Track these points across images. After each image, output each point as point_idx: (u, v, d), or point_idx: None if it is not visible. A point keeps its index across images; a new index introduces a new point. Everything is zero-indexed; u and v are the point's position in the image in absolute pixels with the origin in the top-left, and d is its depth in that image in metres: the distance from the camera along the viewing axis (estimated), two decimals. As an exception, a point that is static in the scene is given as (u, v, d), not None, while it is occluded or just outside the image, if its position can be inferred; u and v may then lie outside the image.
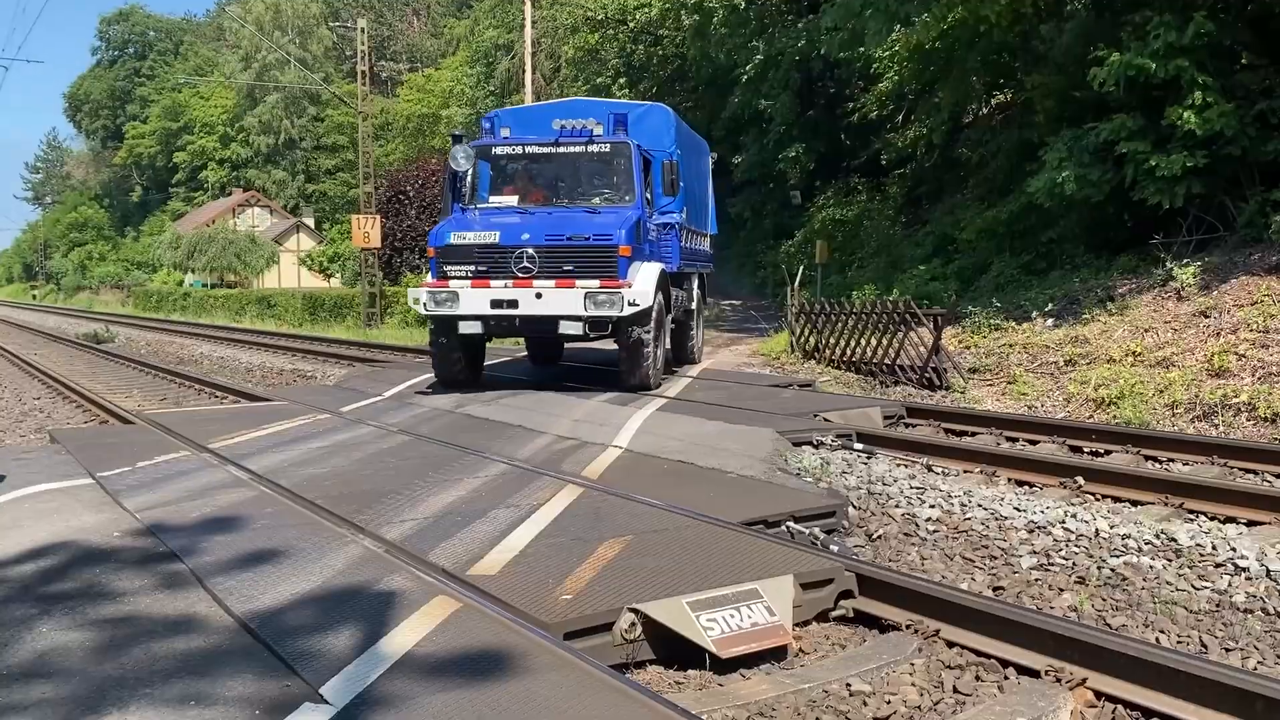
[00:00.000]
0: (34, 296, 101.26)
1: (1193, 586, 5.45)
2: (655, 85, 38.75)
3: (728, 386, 13.01)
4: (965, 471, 8.24)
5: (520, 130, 13.46)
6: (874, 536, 6.61)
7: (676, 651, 4.53)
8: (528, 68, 32.51)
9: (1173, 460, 8.55)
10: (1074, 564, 5.83)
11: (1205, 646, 4.71)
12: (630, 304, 11.20)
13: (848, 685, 4.33)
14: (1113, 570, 5.69)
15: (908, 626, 4.83)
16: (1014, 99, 20.92)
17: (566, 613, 4.50)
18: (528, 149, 12.81)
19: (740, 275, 33.92)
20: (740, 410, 10.51)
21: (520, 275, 11.42)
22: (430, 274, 12.03)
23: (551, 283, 11.33)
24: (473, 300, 11.49)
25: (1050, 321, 14.33)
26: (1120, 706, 4.05)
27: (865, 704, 4.18)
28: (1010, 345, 14.05)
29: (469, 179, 12.76)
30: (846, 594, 5.16)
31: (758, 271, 31.29)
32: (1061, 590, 5.45)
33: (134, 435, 9.86)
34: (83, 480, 7.26)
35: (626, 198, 12.25)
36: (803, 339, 17.28)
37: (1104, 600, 5.29)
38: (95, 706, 3.45)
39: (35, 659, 3.89)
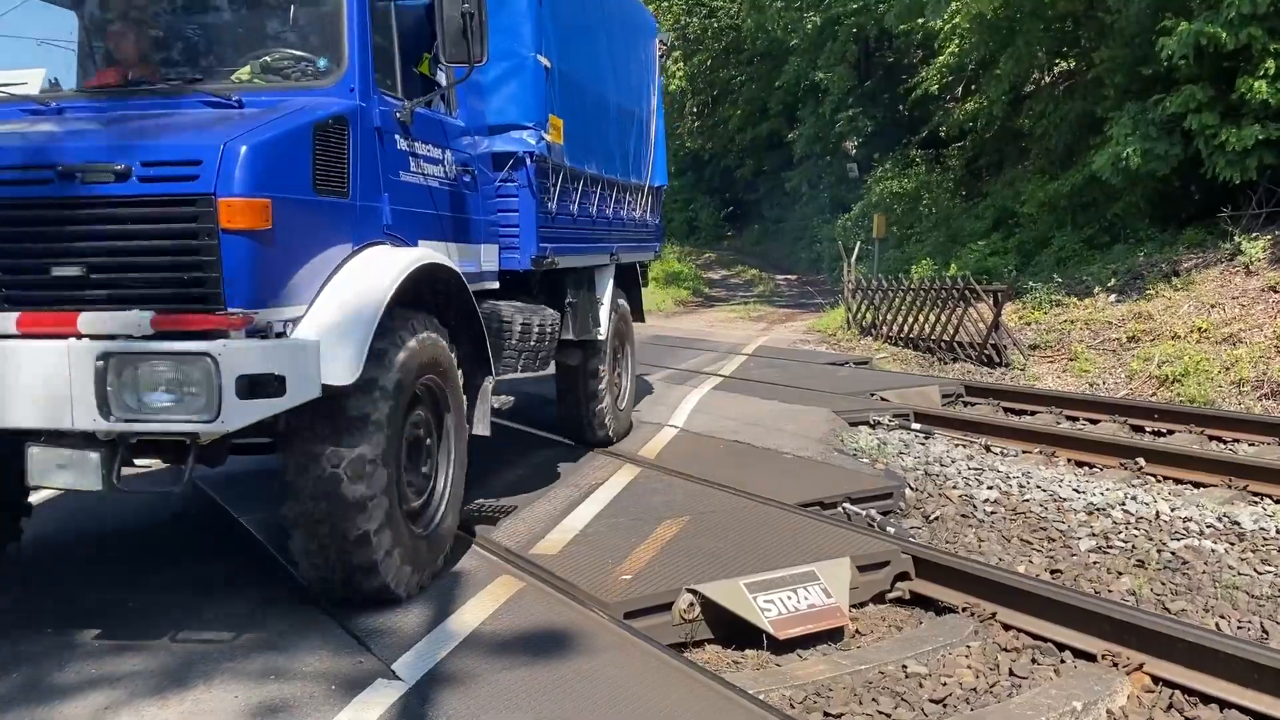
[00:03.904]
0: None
1: (1255, 571, 5.41)
2: (709, 57, 38.50)
3: (783, 364, 13.01)
4: (1024, 452, 8.20)
5: None
6: (931, 518, 6.63)
7: (734, 632, 4.63)
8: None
9: (1238, 440, 8.42)
10: (1133, 547, 5.81)
11: (1266, 633, 4.69)
12: (275, 384, 3.67)
13: (904, 667, 4.39)
14: (1173, 554, 5.66)
15: (964, 609, 4.88)
16: (1077, 68, 20.46)
17: (626, 593, 4.61)
18: None
19: (796, 250, 33.72)
20: (796, 389, 10.53)
21: None
22: None
23: (11, 319, 3.73)
24: None
25: (1113, 297, 14.09)
26: (1178, 691, 4.07)
27: (921, 685, 4.25)
28: (1071, 321, 13.85)
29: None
30: (903, 576, 5.21)
31: (814, 245, 31.05)
32: (1120, 574, 5.44)
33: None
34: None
35: (326, 70, 4.56)
36: (859, 315, 17.18)
37: (1163, 584, 5.27)
38: (181, 678, 3.64)
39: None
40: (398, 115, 4.72)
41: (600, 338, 7.42)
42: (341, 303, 4.06)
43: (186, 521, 5.86)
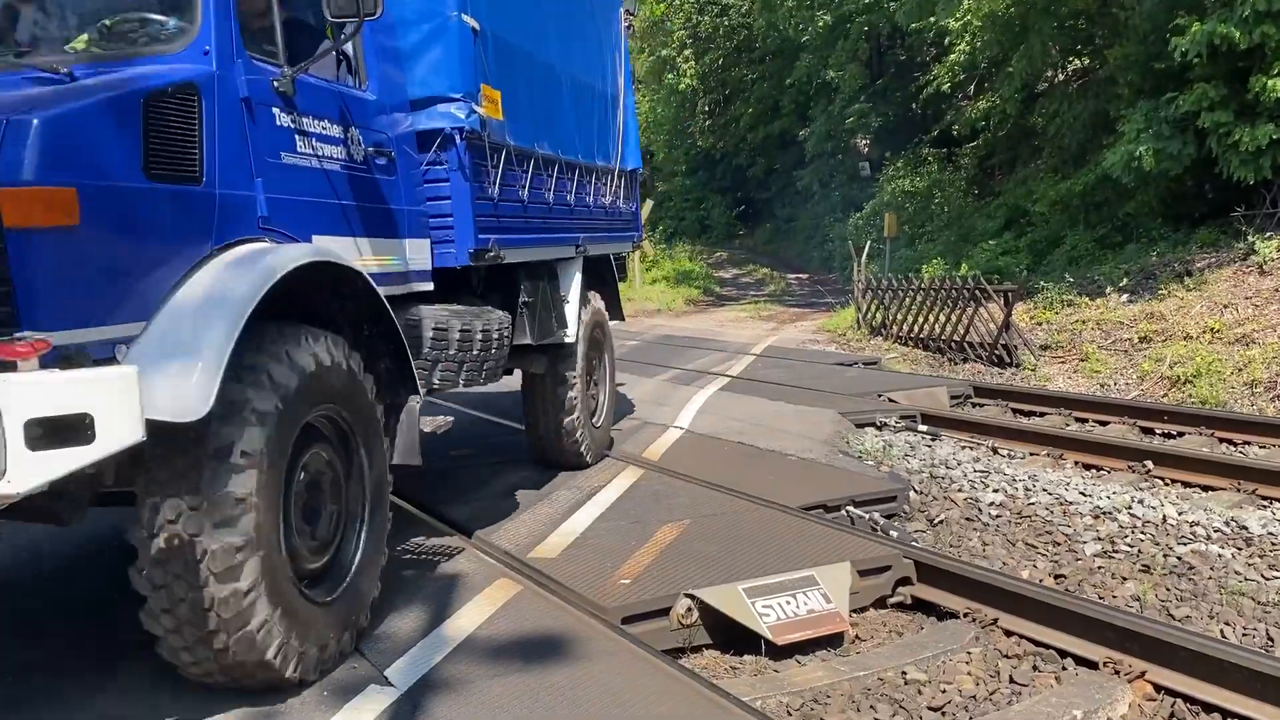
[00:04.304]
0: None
1: (1262, 577, 5.34)
2: (721, 56, 38.44)
3: (791, 365, 12.97)
4: (1031, 454, 8.14)
5: None
6: (935, 521, 6.58)
7: (733, 637, 4.60)
8: (593, 41, 32.40)
9: (1248, 443, 8.33)
10: (1139, 551, 5.75)
11: (1272, 640, 4.63)
12: (82, 428, 2.84)
13: (903, 673, 4.36)
14: (1179, 559, 5.60)
15: (965, 615, 4.84)
16: (1090, 66, 20.34)
17: (624, 597, 4.59)
18: None
19: (807, 249, 33.63)
20: (803, 390, 10.49)
21: None
22: None
23: None
24: None
25: (1125, 297, 13.98)
26: (1180, 700, 4.02)
27: (920, 692, 4.21)
28: (1083, 321, 13.75)
29: None
30: (905, 581, 5.18)
31: (825, 244, 30.97)
32: (1125, 579, 5.38)
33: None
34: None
35: (177, 32, 3.77)
36: (869, 315, 17.11)
37: (1168, 590, 5.21)
38: (176, 682, 3.63)
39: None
40: (275, 85, 3.89)
41: (568, 340, 6.64)
42: (184, 315, 3.21)
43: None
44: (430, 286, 5.05)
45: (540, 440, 6.93)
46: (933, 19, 20.87)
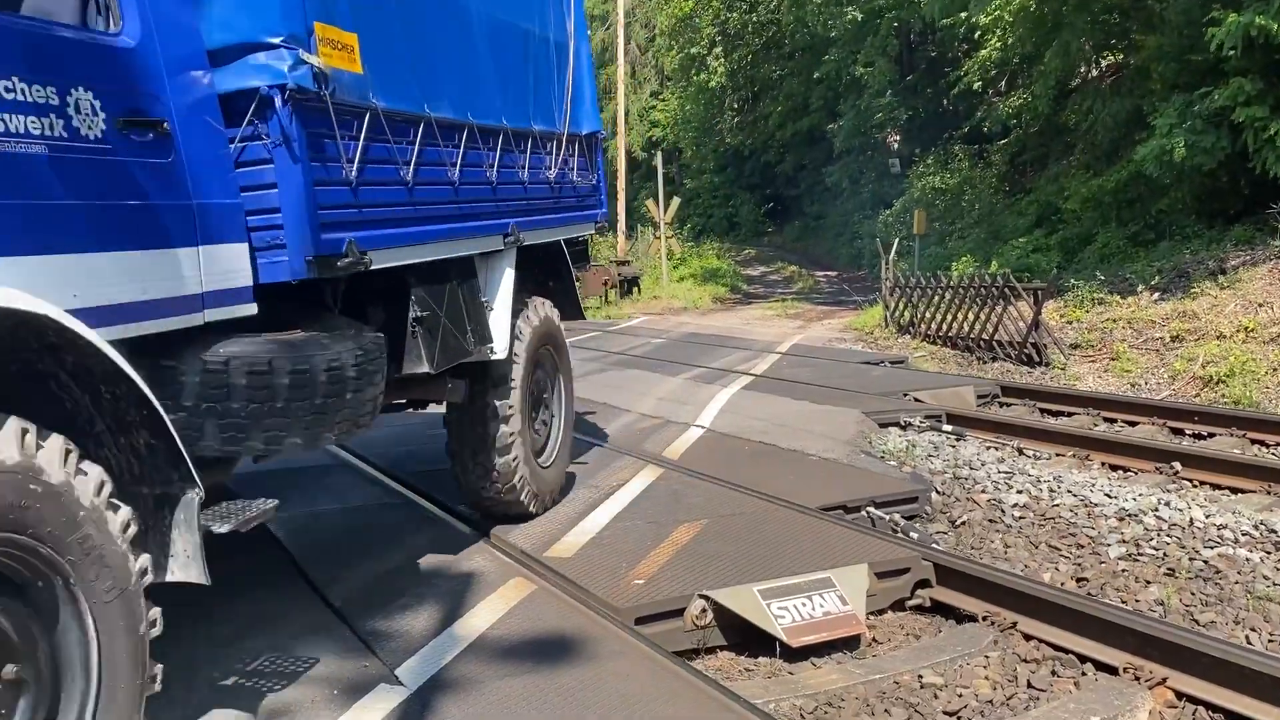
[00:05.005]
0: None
1: (1291, 582, 5.24)
2: (750, 53, 38.30)
3: (816, 363, 12.88)
4: (1057, 455, 8.03)
5: None
6: (957, 523, 6.51)
7: (747, 639, 4.57)
8: (620, 37, 32.38)
9: (1281, 445, 8.18)
10: (1164, 555, 5.66)
11: (1299, 647, 4.54)
12: None
13: (919, 677, 4.31)
14: (1205, 562, 5.50)
15: (984, 618, 4.78)
16: (1124, 61, 20.06)
17: (638, 598, 4.57)
18: None
19: (836, 246, 33.45)
20: (827, 389, 10.41)
21: None
22: None
23: None
24: None
25: (1157, 295, 13.78)
26: (1201, 708, 3.94)
27: (936, 696, 4.16)
28: (1114, 320, 13.55)
29: None
30: (924, 583, 5.12)
31: (854, 242, 30.78)
32: (1149, 583, 5.29)
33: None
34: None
35: None
36: (897, 313, 16.97)
37: (1193, 594, 5.12)
38: (188, 680, 3.66)
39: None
40: None
41: (495, 356, 5.21)
42: None
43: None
44: (251, 310, 3.55)
45: (467, 485, 5.56)
46: (964, 14, 20.66)
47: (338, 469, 7.21)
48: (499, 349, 5.24)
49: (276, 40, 3.66)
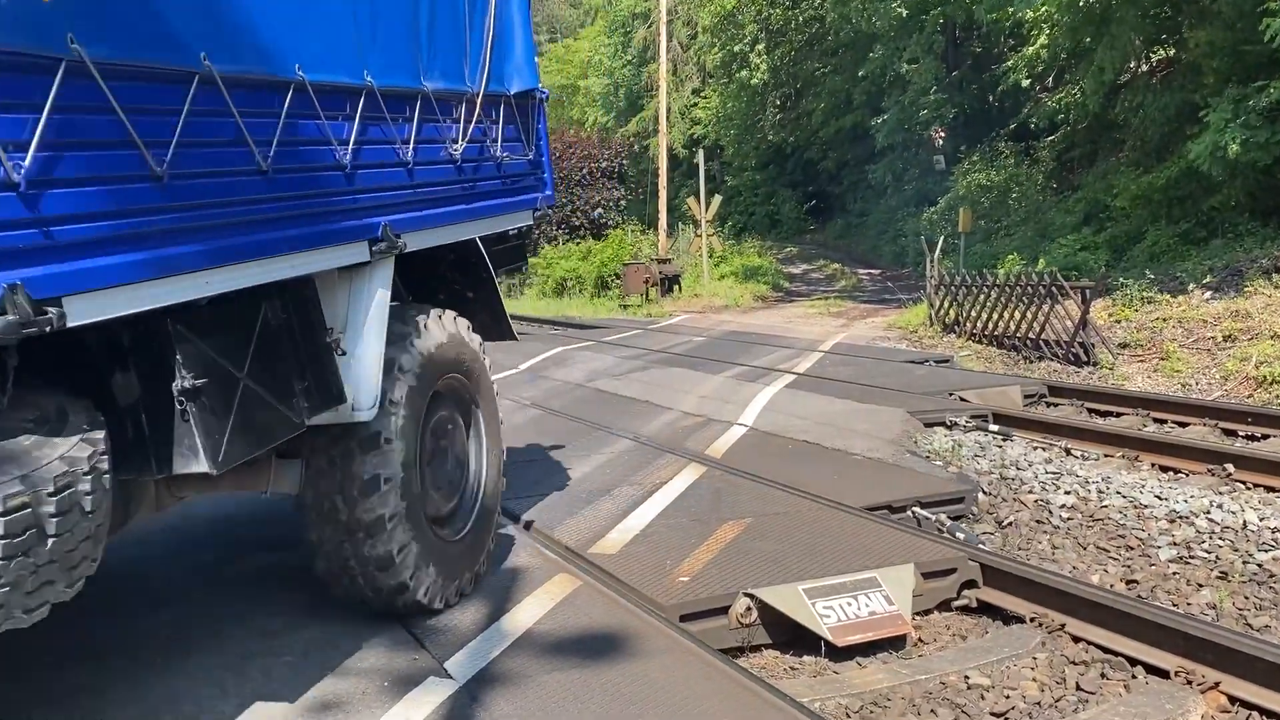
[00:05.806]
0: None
1: (1348, 587, 5.14)
2: (792, 49, 38.07)
3: (860, 362, 12.82)
4: (1106, 456, 7.93)
5: None
6: (1004, 523, 6.45)
7: (792, 638, 4.57)
8: (662, 35, 32.31)
9: (1338, 447, 8.00)
10: (1217, 558, 5.57)
11: (1357, 653, 4.44)
12: None
13: (966, 677, 4.29)
14: (1259, 566, 5.41)
15: (1032, 619, 4.74)
16: (1175, 56, 19.70)
17: (683, 595, 4.59)
18: None
19: (880, 244, 33.17)
20: (871, 388, 10.36)
21: None
22: None
23: None
24: None
25: (1209, 294, 13.53)
26: (1256, 713, 3.89)
27: (983, 698, 4.14)
28: (1164, 319, 13.33)
29: None
30: (970, 584, 5.09)
31: (898, 240, 30.49)
32: (1200, 586, 5.22)
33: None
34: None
35: None
36: (942, 312, 16.81)
37: (1247, 598, 5.04)
38: (241, 670, 3.74)
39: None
40: None
41: (360, 418, 3.79)
42: None
43: (251, 517, 6.00)
44: None
45: (330, 575, 4.10)
46: (1011, 9, 20.41)
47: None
48: (363, 404, 3.77)
49: None
